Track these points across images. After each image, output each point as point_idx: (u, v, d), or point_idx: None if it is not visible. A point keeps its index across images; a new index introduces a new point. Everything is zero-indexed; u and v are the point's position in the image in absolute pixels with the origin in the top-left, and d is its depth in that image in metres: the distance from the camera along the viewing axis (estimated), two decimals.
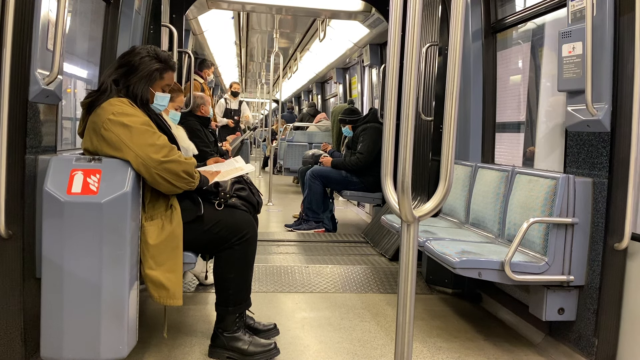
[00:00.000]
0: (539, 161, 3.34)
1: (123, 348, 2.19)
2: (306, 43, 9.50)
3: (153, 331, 2.82)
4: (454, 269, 2.62)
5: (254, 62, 13.44)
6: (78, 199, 2.12)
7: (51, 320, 2.13)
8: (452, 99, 1.51)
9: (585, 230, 2.59)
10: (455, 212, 3.64)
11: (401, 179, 1.51)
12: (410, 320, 1.61)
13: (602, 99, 2.42)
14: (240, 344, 2.54)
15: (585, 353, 2.54)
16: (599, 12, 2.40)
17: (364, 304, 3.44)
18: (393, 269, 4.13)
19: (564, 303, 2.63)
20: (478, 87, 3.74)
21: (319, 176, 5.62)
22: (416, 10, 1.47)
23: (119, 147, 2.23)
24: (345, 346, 2.78)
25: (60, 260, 2.12)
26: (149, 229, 2.32)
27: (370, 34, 6.93)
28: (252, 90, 20.10)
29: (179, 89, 3.61)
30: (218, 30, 7.95)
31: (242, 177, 2.74)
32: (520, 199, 2.90)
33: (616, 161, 2.42)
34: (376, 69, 7.62)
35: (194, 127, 4.41)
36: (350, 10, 6.13)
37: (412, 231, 1.58)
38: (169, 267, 2.33)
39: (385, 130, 1.55)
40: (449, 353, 2.75)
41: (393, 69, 1.53)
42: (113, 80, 2.39)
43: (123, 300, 2.17)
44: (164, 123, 2.56)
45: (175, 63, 2.75)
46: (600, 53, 2.41)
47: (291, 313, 3.24)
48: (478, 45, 3.72)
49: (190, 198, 2.47)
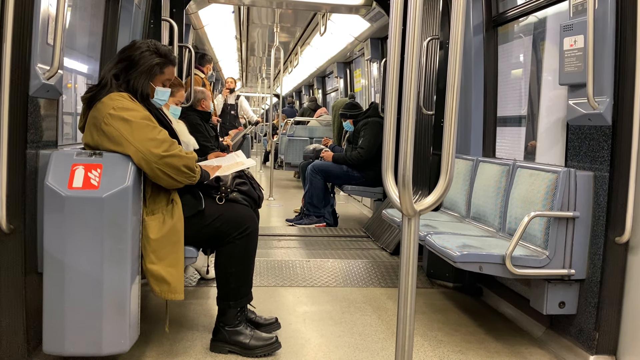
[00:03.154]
0: (541, 155, 3.33)
1: (125, 342, 2.20)
2: (307, 37, 9.48)
3: (155, 325, 2.83)
4: (454, 263, 2.62)
5: (254, 56, 13.41)
6: (79, 194, 2.12)
7: (53, 315, 2.14)
8: (453, 92, 1.51)
9: (586, 224, 2.59)
10: (456, 206, 3.64)
11: (402, 173, 1.51)
12: (412, 314, 1.61)
13: (604, 93, 2.41)
14: (241, 337, 2.55)
15: (586, 347, 2.55)
16: (600, 4, 2.39)
17: (365, 298, 3.45)
18: (394, 263, 4.13)
19: (565, 297, 2.63)
20: (479, 81, 3.73)
21: (320, 171, 5.62)
22: (417, 3, 1.47)
23: (120, 142, 2.23)
24: (346, 340, 2.79)
25: (61, 255, 2.12)
26: (150, 223, 2.32)
27: (371, 28, 6.92)
28: (252, 84, 20.07)
29: (180, 84, 3.60)
30: (218, 24, 7.94)
31: (243, 172, 2.74)
32: (521, 193, 2.90)
33: (617, 155, 2.42)
34: (377, 63, 7.60)
35: (194, 122, 4.41)
36: (351, 4, 6.11)
37: (413, 225, 1.59)
38: (170, 262, 2.34)
39: (386, 125, 1.55)
40: (449, 347, 2.76)
41: (394, 63, 1.52)
42: (113, 74, 2.39)
43: (125, 295, 2.18)
44: (165, 117, 2.56)
45: (176, 57, 2.74)
46: (601, 46, 2.40)
47: (292, 307, 3.25)
48: (479, 39, 3.71)
49: (191, 192, 2.47)
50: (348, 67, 10.25)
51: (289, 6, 6.34)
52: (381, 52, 7.48)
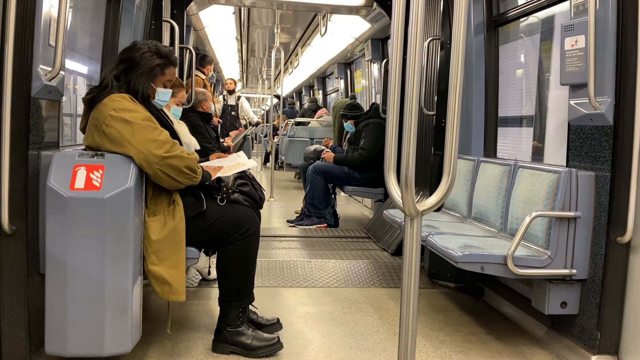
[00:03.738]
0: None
1: (127, 343, 2.21)
2: (307, 38, 9.48)
3: (157, 326, 2.83)
4: (456, 263, 2.62)
5: (255, 57, 13.42)
6: (81, 195, 2.13)
7: (55, 316, 2.14)
8: (454, 93, 1.51)
9: (587, 223, 2.58)
10: (458, 206, 3.64)
11: (404, 174, 1.51)
12: (414, 314, 1.62)
13: (605, 93, 2.41)
14: (243, 338, 2.55)
15: (588, 346, 2.54)
16: (601, 4, 2.39)
17: (367, 298, 3.45)
18: (395, 263, 4.13)
19: (567, 297, 2.63)
20: (480, 81, 3.74)
21: (321, 172, 5.62)
22: (419, 4, 1.47)
23: (121, 143, 2.23)
24: (348, 340, 2.79)
25: (63, 255, 2.12)
26: (151, 224, 2.32)
27: (372, 28, 6.91)
28: (253, 85, 20.09)
29: (180, 84, 3.60)
30: (219, 25, 7.94)
31: (245, 173, 2.74)
32: (522, 193, 2.90)
33: (619, 155, 2.42)
34: (377, 63, 7.60)
35: (195, 123, 4.41)
36: (351, 5, 6.11)
37: (416, 225, 1.59)
38: (172, 263, 2.34)
39: (388, 125, 1.55)
40: (451, 347, 2.76)
41: (396, 64, 1.53)
42: (114, 76, 2.39)
43: (127, 295, 2.18)
44: (166, 118, 2.56)
45: (177, 58, 2.74)
46: (603, 46, 2.40)
47: (294, 307, 3.25)
48: (480, 39, 3.71)
49: (192, 193, 2.47)
50: (348, 68, 10.25)
51: (289, 7, 6.34)
52: (382, 52, 7.48)
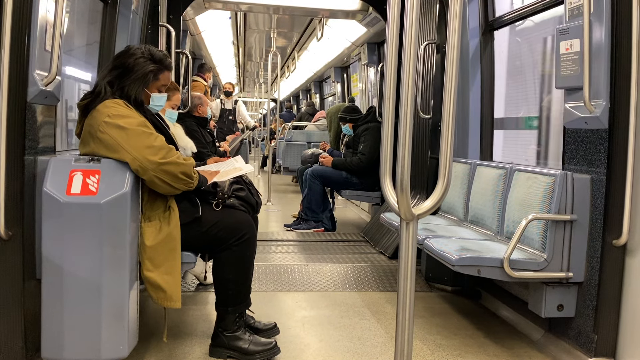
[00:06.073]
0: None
1: (124, 348, 2.20)
2: (304, 42, 9.49)
3: (154, 331, 2.82)
4: (453, 267, 2.63)
5: (251, 61, 13.43)
6: (77, 200, 2.12)
7: (52, 321, 2.14)
8: (450, 96, 1.52)
9: (583, 226, 2.59)
10: (454, 209, 3.65)
11: (400, 177, 1.51)
12: (411, 317, 1.61)
13: (600, 96, 2.43)
14: (240, 343, 2.55)
15: (585, 349, 2.55)
16: (596, 8, 2.40)
17: (364, 302, 3.45)
18: (392, 267, 4.13)
19: (563, 299, 2.64)
20: (476, 84, 3.75)
21: (318, 176, 5.61)
22: (414, 8, 1.48)
23: (116, 150, 2.22)
24: (345, 344, 2.78)
25: (60, 261, 2.12)
26: (146, 230, 2.30)
27: (368, 32, 6.94)
28: (250, 89, 20.09)
29: (175, 87, 3.60)
30: (215, 30, 7.95)
31: (241, 178, 2.73)
32: (518, 196, 2.91)
33: (614, 157, 2.43)
34: (374, 67, 7.62)
35: (191, 128, 4.41)
36: (347, 9, 6.13)
37: (412, 229, 1.59)
38: (167, 269, 2.32)
39: (384, 129, 1.55)
40: (449, 350, 2.76)
41: (391, 68, 1.53)
42: (108, 82, 2.36)
43: (123, 301, 2.18)
44: (161, 123, 2.55)
45: (171, 62, 2.73)
46: (597, 50, 2.41)
47: (291, 312, 3.25)
48: (476, 43, 3.73)
49: (188, 199, 2.46)
50: (345, 72, 10.26)
51: (285, 12, 6.34)
52: (378, 56, 7.50)
